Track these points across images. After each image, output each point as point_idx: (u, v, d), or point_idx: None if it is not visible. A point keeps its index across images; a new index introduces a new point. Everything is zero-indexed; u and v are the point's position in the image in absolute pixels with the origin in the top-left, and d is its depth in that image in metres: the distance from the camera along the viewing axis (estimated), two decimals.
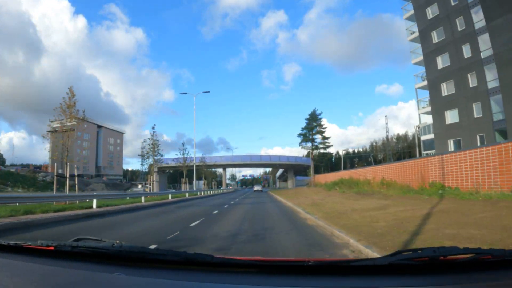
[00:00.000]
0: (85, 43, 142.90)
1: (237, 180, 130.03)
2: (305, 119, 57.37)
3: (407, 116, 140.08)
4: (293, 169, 75.27)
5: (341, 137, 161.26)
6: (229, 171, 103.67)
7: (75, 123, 19.90)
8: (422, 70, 31.94)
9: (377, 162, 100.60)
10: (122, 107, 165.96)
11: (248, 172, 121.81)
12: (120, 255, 1.36)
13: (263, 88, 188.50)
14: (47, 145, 27.43)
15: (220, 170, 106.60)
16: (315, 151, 57.41)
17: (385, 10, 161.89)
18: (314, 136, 56.39)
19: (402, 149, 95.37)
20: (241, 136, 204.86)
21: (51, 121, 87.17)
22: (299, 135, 57.34)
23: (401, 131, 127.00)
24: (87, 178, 76.19)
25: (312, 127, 56.22)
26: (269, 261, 1.35)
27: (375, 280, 1.16)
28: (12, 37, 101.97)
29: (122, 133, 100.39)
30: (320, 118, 56.76)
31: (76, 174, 21.53)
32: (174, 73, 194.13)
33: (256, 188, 67.06)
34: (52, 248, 1.48)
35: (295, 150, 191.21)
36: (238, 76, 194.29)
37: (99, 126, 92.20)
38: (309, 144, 56.30)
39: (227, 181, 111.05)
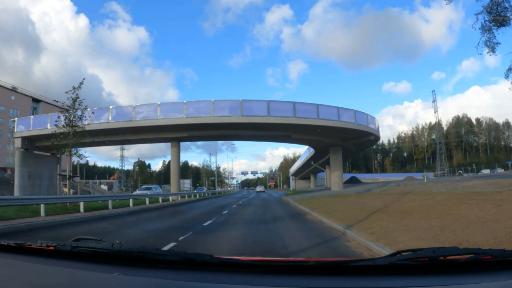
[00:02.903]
0: (87, 42, 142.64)
1: (235, 179, 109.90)
2: None
3: (414, 115, 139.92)
4: (341, 146, 30.50)
5: None
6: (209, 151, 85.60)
7: None
8: None
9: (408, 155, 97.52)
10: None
11: (248, 164, 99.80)
12: (119, 255, 1.36)
13: (268, 87, 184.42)
14: None
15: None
16: None
17: (394, 3, 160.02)
18: None
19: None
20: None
21: None
22: None
23: (406, 129, 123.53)
24: None
25: None
26: (269, 261, 1.35)
27: (375, 280, 1.17)
28: (11, 35, 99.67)
29: None
30: None
31: None
32: (178, 72, 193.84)
33: (258, 189, 65.05)
34: (51, 248, 1.48)
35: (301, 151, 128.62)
36: (242, 73, 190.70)
37: (36, 101, 66.16)
38: None
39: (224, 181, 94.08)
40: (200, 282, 1.19)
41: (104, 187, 49.26)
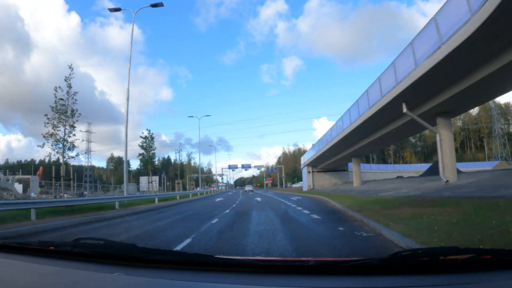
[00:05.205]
0: (78, 40, 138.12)
1: (222, 177, 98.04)
2: None
3: None
4: None
5: None
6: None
7: None
8: None
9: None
10: (118, 106, 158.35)
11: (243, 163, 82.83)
12: (120, 255, 1.37)
13: (263, 84, 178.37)
14: None
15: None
16: None
17: None
18: None
19: None
20: (241, 134, 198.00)
21: None
22: None
23: None
24: None
25: None
26: (270, 261, 1.35)
27: (375, 280, 1.17)
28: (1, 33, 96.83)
29: None
30: None
31: None
32: (171, 70, 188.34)
33: (247, 188, 60.03)
34: (52, 248, 1.48)
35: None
36: (236, 71, 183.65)
37: None
38: None
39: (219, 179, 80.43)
40: (200, 282, 1.19)
41: (18, 186, 35.83)
